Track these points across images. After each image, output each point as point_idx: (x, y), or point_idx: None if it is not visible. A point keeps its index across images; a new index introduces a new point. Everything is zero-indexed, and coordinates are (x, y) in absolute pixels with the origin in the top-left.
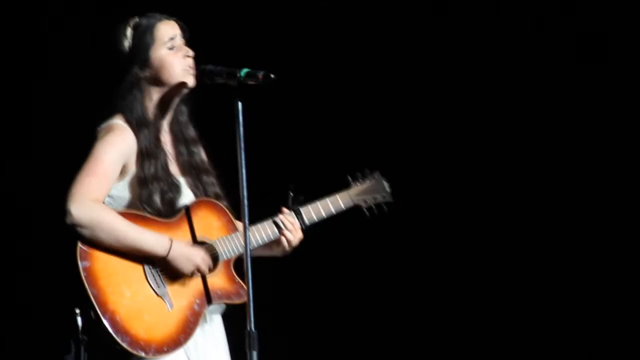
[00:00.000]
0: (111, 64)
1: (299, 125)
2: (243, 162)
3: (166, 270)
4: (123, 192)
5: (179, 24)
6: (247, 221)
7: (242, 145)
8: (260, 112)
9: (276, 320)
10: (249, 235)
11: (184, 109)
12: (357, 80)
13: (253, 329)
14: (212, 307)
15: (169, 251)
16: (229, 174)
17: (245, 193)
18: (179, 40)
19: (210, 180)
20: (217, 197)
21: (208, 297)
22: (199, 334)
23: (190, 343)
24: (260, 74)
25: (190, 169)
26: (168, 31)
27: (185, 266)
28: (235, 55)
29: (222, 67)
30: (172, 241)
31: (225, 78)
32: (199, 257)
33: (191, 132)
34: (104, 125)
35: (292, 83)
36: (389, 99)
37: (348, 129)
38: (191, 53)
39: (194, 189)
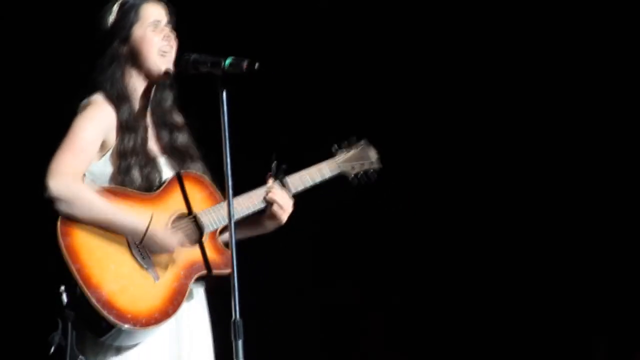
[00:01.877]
0: (94, 40)
1: (285, 99)
2: (228, 151)
3: (148, 245)
4: (104, 167)
5: (167, 8)
6: (232, 210)
7: (227, 134)
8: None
9: (261, 307)
10: (233, 216)
11: (167, 94)
12: (352, 72)
13: (238, 317)
14: (196, 279)
15: (146, 230)
16: (214, 155)
17: (230, 183)
18: (164, 24)
19: (195, 164)
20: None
21: (194, 267)
22: (184, 306)
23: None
24: (245, 63)
25: (173, 152)
26: (154, 12)
27: (164, 245)
28: (225, 46)
29: (206, 56)
30: (150, 220)
31: (210, 67)
32: (178, 237)
33: (175, 117)
34: (84, 102)
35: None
36: (387, 96)
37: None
38: (172, 36)
39: (176, 170)
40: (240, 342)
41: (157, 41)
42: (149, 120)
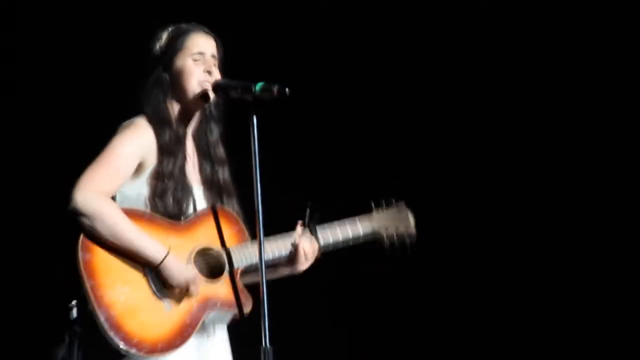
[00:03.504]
0: (142, 63)
1: (320, 142)
2: (258, 177)
3: (161, 275)
4: (140, 189)
5: (215, 42)
6: (262, 236)
7: (257, 160)
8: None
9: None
10: (263, 248)
11: (213, 127)
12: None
13: (268, 344)
14: (215, 316)
15: (161, 261)
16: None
17: (260, 208)
18: (208, 56)
19: (231, 200)
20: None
21: (209, 303)
22: (203, 344)
23: (194, 354)
24: (275, 88)
25: (212, 186)
26: (199, 43)
27: (176, 280)
28: (248, 69)
29: (236, 81)
30: (168, 252)
31: (240, 92)
32: (192, 275)
33: (219, 151)
34: (125, 123)
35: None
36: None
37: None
38: (214, 71)
39: (210, 203)
40: None
41: (197, 73)
42: (190, 148)
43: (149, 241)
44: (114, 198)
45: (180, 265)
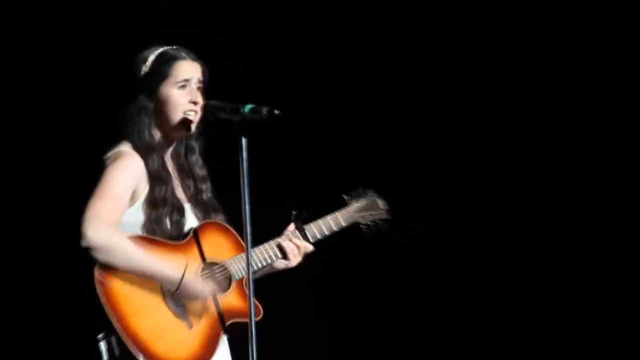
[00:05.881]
0: (126, 85)
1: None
2: (247, 197)
3: (182, 293)
4: (136, 216)
5: (201, 68)
6: (250, 253)
7: (246, 181)
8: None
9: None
10: (251, 265)
11: (194, 144)
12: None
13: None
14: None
15: (181, 279)
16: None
17: (249, 229)
18: (194, 84)
19: (218, 216)
20: None
21: (228, 315)
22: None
23: None
24: (265, 110)
25: (197, 203)
26: (186, 70)
27: (201, 293)
28: (239, 90)
29: (225, 103)
30: (185, 271)
31: (229, 114)
32: (213, 287)
33: (200, 169)
34: (111, 153)
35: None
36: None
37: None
38: (199, 100)
39: (200, 219)
40: None
41: (182, 103)
42: (170, 168)
43: (164, 264)
44: None
45: (197, 279)
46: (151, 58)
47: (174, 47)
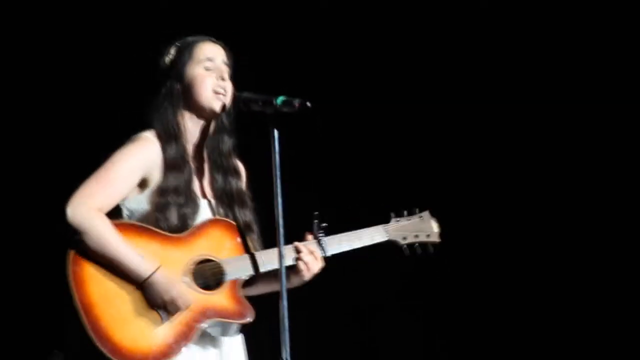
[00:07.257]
0: (150, 80)
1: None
2: (279, 190)
3: (146, 291)
4: (144, 203)
5: (223, 48)
6: (282, 249)
7: (278, 173)
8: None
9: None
10: (283, 261)
11: (227, 138)
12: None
13: (288, 358)
14: (214, 326)
15: (146, 279)
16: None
17: (281, 221)
18: (219, 63)
19: (244, 211)
20: (246, 225)
21: (206, 313)
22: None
23: None
24: (297, 102)
25: (223, 197)
26: (208, 51)
27: (159, 299)
28: (272, 83)
29: (258, 95)
30: (155, 271)
31: (262, 106)
32: (177, 293)
33: (232, 162)
34: (133, 136)
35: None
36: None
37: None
38: (227, 78)
39: (219, 215)
40: None
41: (210, 80)
42: (202, 161)
43: (136, 257)
44: (120, 212)
45: (167, 283)
46: (172, 49)
47: (194, 35)
